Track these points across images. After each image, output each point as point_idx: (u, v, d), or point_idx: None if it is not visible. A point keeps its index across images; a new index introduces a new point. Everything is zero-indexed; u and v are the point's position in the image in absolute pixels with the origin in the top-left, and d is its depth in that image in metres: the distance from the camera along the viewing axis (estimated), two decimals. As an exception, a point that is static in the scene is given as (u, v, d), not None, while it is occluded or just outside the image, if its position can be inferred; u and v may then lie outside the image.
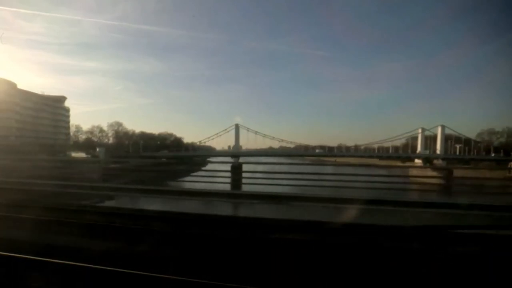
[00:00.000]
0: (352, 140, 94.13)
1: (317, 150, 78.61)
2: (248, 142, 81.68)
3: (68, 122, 73.87)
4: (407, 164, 53.14)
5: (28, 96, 60.49)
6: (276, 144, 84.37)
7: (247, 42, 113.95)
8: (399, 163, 72.89)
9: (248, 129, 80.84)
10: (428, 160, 58.40)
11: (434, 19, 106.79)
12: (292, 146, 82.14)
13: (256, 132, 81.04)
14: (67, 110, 72.97)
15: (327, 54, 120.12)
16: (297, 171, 11.46)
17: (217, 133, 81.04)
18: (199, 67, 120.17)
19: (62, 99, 70.20)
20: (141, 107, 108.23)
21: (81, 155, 50.61)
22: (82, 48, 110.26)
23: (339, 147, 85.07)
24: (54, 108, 68.42)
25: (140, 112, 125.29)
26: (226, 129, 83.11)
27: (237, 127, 79.21)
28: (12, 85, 57.79)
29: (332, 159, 70.20)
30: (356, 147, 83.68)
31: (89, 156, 49.76)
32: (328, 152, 79.10)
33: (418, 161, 59.54)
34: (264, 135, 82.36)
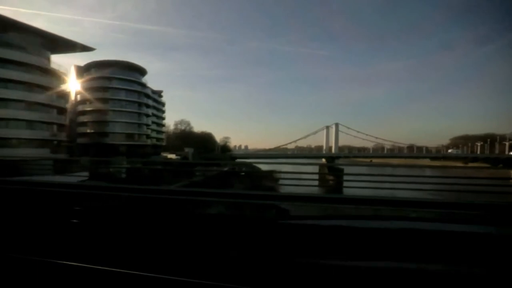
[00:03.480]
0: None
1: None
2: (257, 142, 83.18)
3: (164, 118, 68.89)
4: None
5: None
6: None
7: (247, 42, 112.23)
8: (459, 164, 71.39)
9: (349, 128, 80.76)
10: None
11: (434, 19, 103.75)
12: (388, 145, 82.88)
13: (357, 132, 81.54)
14: (164, 104, 68.52)
15: (327, 54, 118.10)
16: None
17: (309, 134, 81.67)
18: (199, 66, 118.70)
19: (160, 92, 65.94)
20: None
21: (171, 155, 49.38)
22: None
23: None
24: (157, 103, 64.18)
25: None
26: (316, 130, 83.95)
27: (336, 126, 78.77)
28: (145, 73, 53.64)
29: (367, 159, 69.59)
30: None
31: (178, 157, 48.23)
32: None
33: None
34: (367, 135, 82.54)
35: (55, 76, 34.40)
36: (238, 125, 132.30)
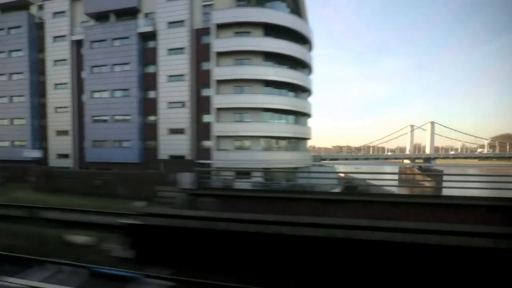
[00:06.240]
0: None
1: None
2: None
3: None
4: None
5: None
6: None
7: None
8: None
9: (443, 126, 76.99)
10: None
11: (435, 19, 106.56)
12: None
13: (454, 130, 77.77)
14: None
15: (328, 53, 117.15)
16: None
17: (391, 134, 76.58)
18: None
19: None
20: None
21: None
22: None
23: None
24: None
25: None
26: (400, 129, 79.46)
27: (432, 125, 74.49)
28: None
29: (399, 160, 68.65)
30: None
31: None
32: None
33: None
34: (465, 134, 79.57)
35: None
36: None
